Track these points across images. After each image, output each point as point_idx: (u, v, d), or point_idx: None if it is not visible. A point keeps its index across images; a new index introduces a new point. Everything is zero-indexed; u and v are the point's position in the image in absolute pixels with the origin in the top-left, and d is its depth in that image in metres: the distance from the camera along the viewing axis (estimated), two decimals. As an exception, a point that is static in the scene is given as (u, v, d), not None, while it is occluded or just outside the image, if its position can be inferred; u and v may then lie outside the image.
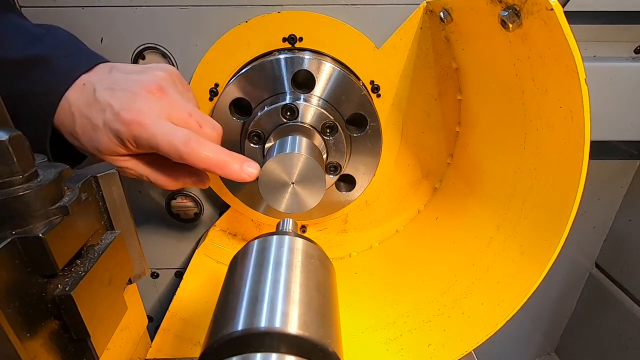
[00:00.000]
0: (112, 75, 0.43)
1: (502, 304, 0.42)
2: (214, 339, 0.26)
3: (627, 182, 0.75)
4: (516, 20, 0.34)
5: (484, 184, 0.54)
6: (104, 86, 0.42)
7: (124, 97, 0.41)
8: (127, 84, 0.42)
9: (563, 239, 0.35)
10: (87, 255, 0.29)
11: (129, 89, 0.42)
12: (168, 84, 0.44)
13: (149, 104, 0.41)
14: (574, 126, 0.33)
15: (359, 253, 0.70)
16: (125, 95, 0.41)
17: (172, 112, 0.42)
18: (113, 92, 0.41)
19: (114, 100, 0.41)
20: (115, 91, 0.42)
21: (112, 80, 0.42)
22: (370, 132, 0.56)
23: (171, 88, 0.44)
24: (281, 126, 0.53)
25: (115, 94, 0.41)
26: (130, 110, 0.40)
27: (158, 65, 0.47)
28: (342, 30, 0.55)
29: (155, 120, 0.41)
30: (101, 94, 0.41)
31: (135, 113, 0.40)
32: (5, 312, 0.22)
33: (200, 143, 0.41)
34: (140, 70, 0.45)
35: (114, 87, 0.42)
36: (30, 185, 0.24)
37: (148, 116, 0.40)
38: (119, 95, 0.41)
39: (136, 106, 0.41)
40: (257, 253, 0.33)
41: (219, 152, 0.43)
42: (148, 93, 0.42)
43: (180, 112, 0.43)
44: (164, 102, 0.42)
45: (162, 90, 0.42)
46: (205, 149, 0.41)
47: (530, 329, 0.94)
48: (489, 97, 0.50)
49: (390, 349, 0.50)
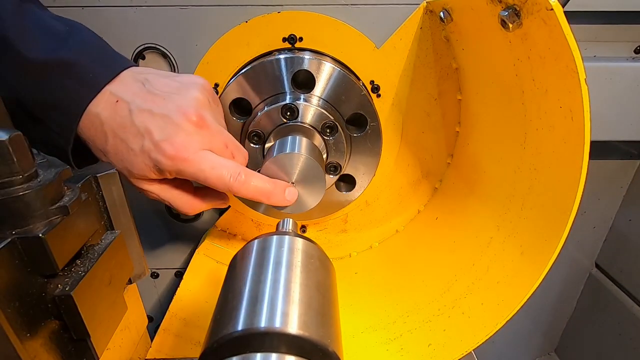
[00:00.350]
0: (148, 92, 0.41)
1: (502, 304, 0.42)
2: (214, 339, 0.26)
3: (627, 182, 0.75)
4: (516, 20, 0.34)
5: (484, 184, 0.54)
6: (140, 106, 0.40)
7: (164, 125, 0.40)
8: (167, 107, 0.40)
9: (563, 239, 0.35)
10: (87, 255, 0.29)
11: (170, 116, 0.40)
12: (206, 110, 0.43)
13: (192, 138, 0.40)
14: (574, 126, 0.33)
15: (359, 253, 0.70)
16: (166, 123, 0.40)
17: (212, 144, 0.42)
18: (152, 116, 0.40)
19: (154, 127, 0.39)
20: (155, 116, 0.40)
21: (148, 99, 0.41)
22: (370, 132, 0.56)
23: (209, 114, 0.42)
24: (281, 126, 0.53)
25: (155, 119, 0.40)
26: (173, 144, 0.39)
27: (190, 78, 0.45)
28: (342, 30, 0.55)
29: (200, 154, 0.40)
30: (139, 117, 0.40)
31: (180, 148, 0.39)
32: (5, 312, 0.22)
33: (248, 175, 0.43)
34: (176, 86, 0.43)
35: (152, 110, 0.40)
36: (31, 185, 0.24)
37: (192, 151, 0.40)
38: (158, 122, 0.40)
39: (179, 139, 0.39)
40: (257, 253, 0.33)
41: (265, 182, 0.44)
42: (190, 124, 0.40)
43: (218, 144, 0.42)
44: (205, 133, 0.41)
45: (202, 120, 0.41)
46: (253, 180, 0.43)
47: (530, 329, 0.94)
48: (489, 97, 0.50)
49: (390, 349, 0.50)
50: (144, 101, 0.40)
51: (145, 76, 0.43)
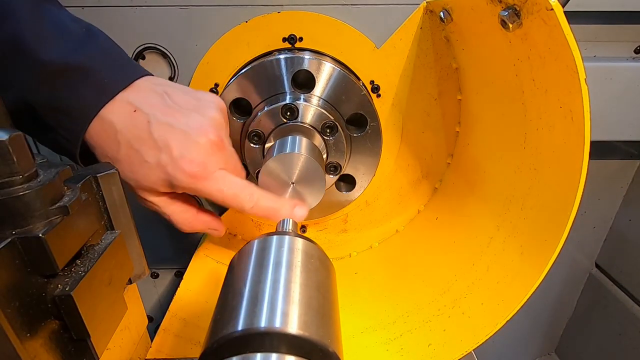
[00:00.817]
0: (167, 106, 0.41)
1: (502, 304, 0.42)
2: (214, 339, 0.26)
3: (627, 182, 0.75)
4: (516, 20, 0.34)
5: (484, 184, 0.54)
6: (160, 120, 0.40)
7: (185, 142, 0.39)
8: (187, 123, 0.40)
9: (563, 239, 0.35)
10: (87, 255, 0.29)
11: (191, 133, 0.40)
12: (223, 131, 0.43)
13: (212, 158, 0.41)
14: (574, 126, 0.33)
15: (359, 253, 0.70)
16: (187, 140, 0.40)
17: (228, 165, 0.43)
18: (172, 131, 0.39)
19: (174, 143, 0.39)
20: (175, 131, 0.40)
21: (168, 113, 0.40)
22: (370, 132, 0.56)
23: (225, 136, 0.44)
24: (281, 126, 0.53)
25: (175, 135, 0.39)
26: (193, 162, 0.39)
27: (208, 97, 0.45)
28: (342, 30, 0.55)
29: (218, 174, 0.41)
30: (158, 130, 0.39)
31: (200, 166, 0.40)
32: (5, 312, 0.22)
33: (260, 195, 0.44)
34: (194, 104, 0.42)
35: (173, 125, 0.40)
36: (31, 185, 0.24)
37: (211, 171, 0.41)
38: (179, 137, 0.39)
39: (200, 158, 0.40)
40: (257, 253, 0.33)
41: (275, 201, 0.45)
42: (210, 143, 0.41)
43: (233, 164, 0.44)
44: (223, 154, 0.42)
45: (221, 141, 0.42)
46: (265, 200, 0.44)
47: (530, 329, 0.94)
48: (489, 97, 0.50)
49: (390, 349, 0.50)
50: (164, 115, 0.40)
51: (164, 88, 0.42)
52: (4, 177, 0.23)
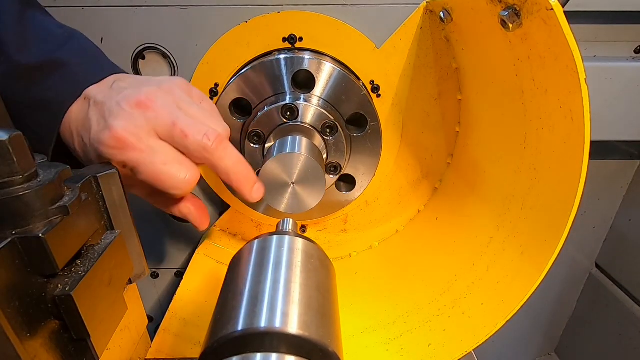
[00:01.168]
0: (110, 88, 0.39)
1: (502, 304, 0.42)
2: (214, 339, 0.26)
3: (627, 182, 0.75)
4: (516, 20, 0.34)
5: (484, 184, 0.54)
6: (96, 100, 0.38)
7: (109, 112, 0.37)
8: (118, 97, 0.37)
9: (563, 239, 0.35)
10: (87, 255, 0.29)
11: (118, 104, 0.37)
12: (159, 95, 0.38)
13: (133, 120, 0.36)
14: (574, 126, 0.33)
15: (359, 253, 0.70)
16: (111, 110, 0.37)
17: (158, 127, 0.37)
18: (102, 107, 0.37)
19: (98, 118, 0.37)
20: (104, 106, 0.37)
21: (106, 94, 0.39)
22: (370, 132, 0.56)
23: (162, 98, 0.38)
24: (281, 126, 0.53)
25: (103, 109, 0.37)
26: (111, 129, 0.35)
27: (164, 77, 0.42)
28: (342, 30, 0.55)
29: (144, 141, 0.36)
30: (92, 110, 0.38)
31: (120, 131, 0.35)
32: (5, 312, 0.22)
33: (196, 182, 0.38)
34: (139, 82, 0.40)
35: (104, 102, 0.38)
36: (31, 185, 0.24)
37: (134, 135, 0.36)
38: (106, 110, 0.37)
39: (119, 122, 0.36)
40: (257, 253, 0.33)
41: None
42: (133, 107, 0.36)
43: (164, 124, 0.37)
44: (149, 115, 0.37)
45: (149, 101, 0.37)
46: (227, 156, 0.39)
47: (530, 329, 0.94)
48: (489, 97, 0.50)
49: (390, 349, 0.50)
50: (102, 95, 0.39)
51: (121, 77, 0.41)
52: (4, 177, 0.23)
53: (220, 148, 0.38)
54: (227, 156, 0.39)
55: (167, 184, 0.37)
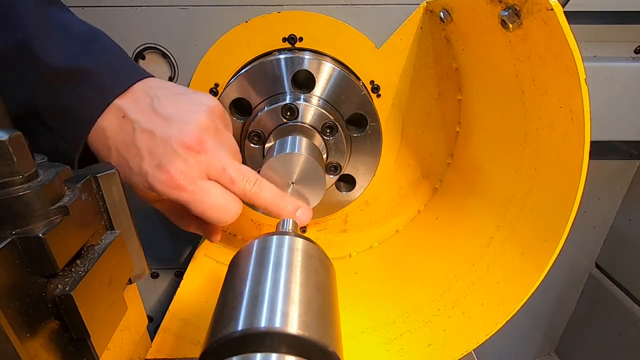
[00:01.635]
0: (153, 111, 0.40)
1: (502, 304, 0.42)
2: (214, 339, 0.26)
3: (627, 182, 0.75)
4: (516, 20, 0.34)
5: (484, 184, 0.54)
6: (143, 127, 0.39)
7: (163, 150, 0.38)
8: (168, 131, 0.39)
9: (563, 239, 0.35)
10: (87, 255, 0.29)
11: (170, 141, 0.38)
12: (208, 134, 0.40)
13: (188, 164, 0.39)
14: (574, 126, 0.33)
15: (359, 253, 0.70)
16: (165, 148, 0.38)
17: (209, 170, 0.40)
18: (153, 139, 0.39)
19: (153, 151, 0.39)
20: (155, 139, 0.39)
21: (152, 119, 0.40)
22: (370, 132, 0.56)
23: (210, 138, 0.40)
24: (281, 126, 0.53)
25: (155, 143, 0.39)
26: (167, 171, 0.38)
27: (200, 99, 0.43)
28: (342, 30, 0.55)
29: (197, 184, 0.39)
30: (140, 138, 0.39)
31: (176, 175, 0.38)
32: (5, 312, 0.22)
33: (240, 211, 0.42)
34: (183, 108, 0.41)
35: (154, 132, 0.39)
36: (31, 185, 0.24)
37: (189, 181, 0.39)
38: (158, 146, 0.39)
39: (174, 167, 0.38)
40: (257, 253, 0.33)
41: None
42: (187, 150, 0.39)
43: (215, 168, 0.40)
44: (202, 159, 0.39)
45: (201, 145, 0.39)
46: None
47: (530, 329, 0.94)
48: (489, 97, 0.50)
49: (390, 349, 0.50)
50: (148, 121, 0.39)
51: (156, 92, 0.42)
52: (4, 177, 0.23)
53: (258, 190, 0.43)
54: (263, 196, 0.43)
55: (216, 219, 0.41)
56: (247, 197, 0.42)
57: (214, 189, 0.40)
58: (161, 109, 0.40)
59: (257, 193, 0.42)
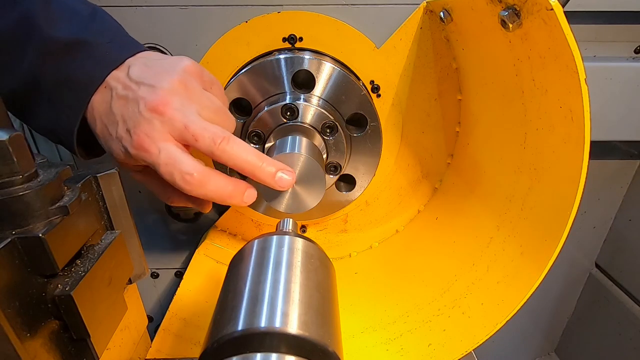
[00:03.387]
0: (128, 78, 0.41)
1: (502, 304, 0.42)
2: (214, 339, 0.26)
3: (627, 182, 0.75)
4: (516, 20, 0.34)
5: (484, 184, 0.54)
6: (119, 93, 0.41)
7: (133, 114, 0.40)
8: (138, 95, 0.40)
9: (563, 239, 0.35)
10: (87, 255, 0.29)
11: (138, 105, 0.40)
12: (177, 94, 0.40)
13: (151, 126, 0.39)
14: (574, 126, 0.33)
15: (359, 253, 0.70)
16: (134, 112, 0.40)
17: (173, 130, 0.40)
18: (126, 104, 0.40)
19: (125, 115, 0.40)
20: (128, 104, 0.40)
21: (127, 86, 0.41)
22: (370, 132, 0.56)
23: (178, 99, 0.40)
24: (281, 126, 0.53)
25: (127, 107, 0.40)
26: (135, 133, 0.39)
27: (175, 61, 0.43)
28: (342, 30, 0.55)
29: (160, 146, 0.39)
30: (115, 104, 0.40)
31: (141, 137, 0.39)
32: (5, 312, 0.22)
33: (206, 175, 0.40)
34: (156, 72, 0.42)
35: (127, 97, 0.40)
36: (30, 185, 0.24)
37: (150, 142, 0.39)
38: (130, 109, 0.40)
39: (140, 129, 0.39)
40: (257, 253, 0.33)
41: (226, 184, 0.41)
42: (151, 112, 0.39)
43: (177, 127, 0.40)
44: (164, 120, 0.39)
45: (165, 106, 0.39)
46: (211, 183, 0.40)
47: (530, 329, 0.94)
48: (489, 97, 0.50)
49: (390, 349, 0.50)
50: (123, 88, 0.41)
51: (137, 60, 0.43)
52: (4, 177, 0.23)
53: (227, 147, 0.41)
54: (234, 153, 0.41)
55: (180, 183, 0.40)
56: (215, 156, 0.40)
57: (172, 148, 0.39)
58: (135, 74, 0.41)
59: (225, 150, 0.40)
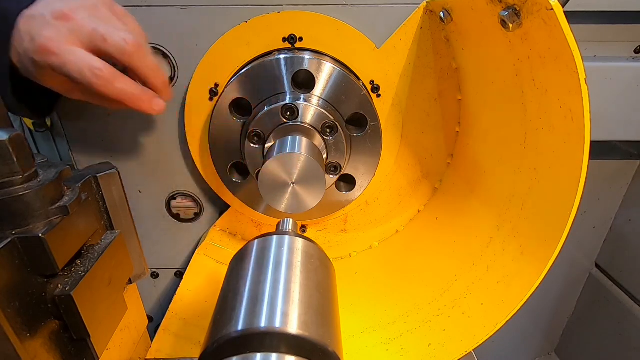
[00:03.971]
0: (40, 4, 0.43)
1: (502, 304, 0.42)
2: (214, 338, 0.26)
3: (627, 182, 0.75)
4: (516, 20, 0.34)
5: (484, 184, 0.54)
6: (26, 14, 0.43)
7: (38, 24, 0.42)
8: (46, 10, 0.42)
9: (563, 239, 0.35)
10: (87, 255, 0.29)
11: (45, 16, 0.42)
12: (80, 9, 0.43)
13: (57, 30, 0.41)
14: (574, 126, 0.33)
15: (359, 253, 0.70)
16: (40, 22, 0.42)
17: (80, 36, 0.42)
18: (32, 20, 0.42)
19: (31, 30, 0.42)
20: (34, 19, 0.42)
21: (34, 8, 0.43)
22: (370, 132, 0.56)
23: (83, 12, 0.43)
24: (281, 126, 0.53)
25: (34, 22, 0.42)
26: (40, 38, 0.41)
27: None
28: (342, 30, 0.55)
29: (66, 48, 0.41)
30: (23, 24, 0.42)
31: (44, 40, 0.41)
32: (5, 312, 0.22)
33: (113, 75, 0.42)
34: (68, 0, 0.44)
35: (34, 15, 0.42)
36: (30, 185, 0.24)
37: (56, 43, 0.41)
38: (35, 23, 0.42)
39: (45, 33, 0.41)
40: (257, 253, 0.33)
41: (132, 86, 0.44)
42: (56, 19, 0.42)
43: (86, 31, 0.42)
44: (71, 26, 0.42)
45: (73, 13, 0.42)
46: (118, 82, 0.43)
47: (530, 329, 0.94)
48: (489, 97, 0.50)
49: (390, 349, 0.50)
50: (32, 10, 0.43)
51: None
52: (4, 177, 0.23)
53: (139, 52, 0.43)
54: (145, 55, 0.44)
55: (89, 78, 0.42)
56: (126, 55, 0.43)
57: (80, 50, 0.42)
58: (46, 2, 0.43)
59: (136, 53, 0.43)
